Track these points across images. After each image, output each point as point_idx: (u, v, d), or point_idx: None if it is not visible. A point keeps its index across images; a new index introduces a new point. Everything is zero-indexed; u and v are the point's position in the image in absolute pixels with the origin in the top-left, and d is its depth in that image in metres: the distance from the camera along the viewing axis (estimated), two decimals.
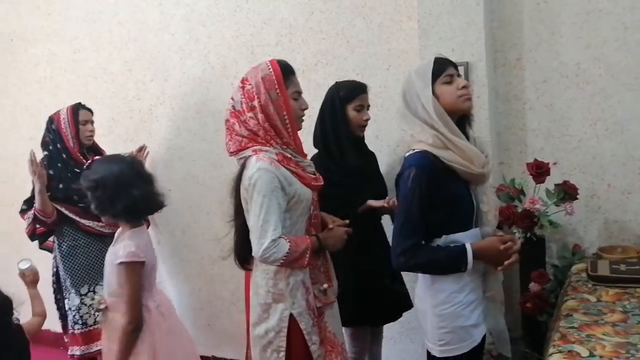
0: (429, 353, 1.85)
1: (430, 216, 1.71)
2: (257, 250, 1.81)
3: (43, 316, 2.21)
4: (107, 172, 2.00)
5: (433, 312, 1.77)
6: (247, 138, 1.88)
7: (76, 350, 2.88)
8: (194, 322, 3.21)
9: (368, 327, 2.46)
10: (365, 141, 2.45)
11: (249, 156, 1.86)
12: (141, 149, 3.03)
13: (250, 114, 1.87)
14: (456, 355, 1.76)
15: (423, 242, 1.73)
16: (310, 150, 2.41)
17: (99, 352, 2.82)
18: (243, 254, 1.95)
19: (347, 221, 2.01)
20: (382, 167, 2.53)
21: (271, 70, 1.87)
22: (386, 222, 2.40)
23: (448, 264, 1.72)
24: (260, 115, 1.86)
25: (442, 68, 1.76)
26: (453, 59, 1.87)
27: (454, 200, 1.74)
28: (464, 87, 1.75)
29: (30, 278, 2.22)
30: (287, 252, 1.79)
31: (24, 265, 2.23)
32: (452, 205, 1.73)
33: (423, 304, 1.83)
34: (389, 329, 2.61)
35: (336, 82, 2.40)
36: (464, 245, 1.71)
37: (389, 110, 2.66)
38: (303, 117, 1.96)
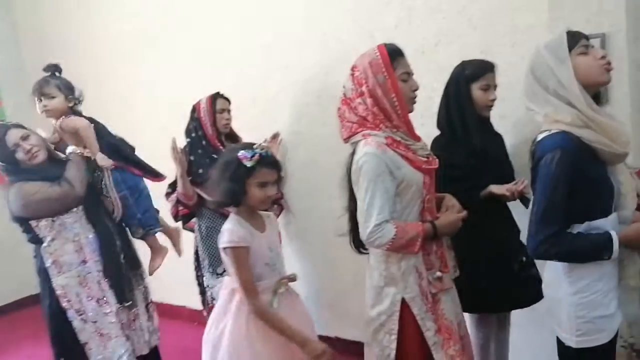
0: (561, 343, 1.77)
1: (572, 201, 1.62)
2: (362, 234, 1.85)
3: None
4: (219, 159, 2.05)
5: (570, 300, 1.69)
6: (356, 123, 1.90)
7: None
8: (316, 302, 3.32)
9: (494, 314, 2.39)
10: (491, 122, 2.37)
11: (359, 141, 1.88)
12: (275, 136, 3.15)
13: (359, 100, 1.89)
14: (593, 347, 1.67)
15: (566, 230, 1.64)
16: (431, 133, 2.38)
17: None
18: (358, 238, 1.97)
19: (465, 212, 1.96)
20: (508, 149, 2.43)
21: (378, 54, 1.87)
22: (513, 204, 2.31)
23: (592, 252, 1.63)
24: (368, 100, 1.87)
25: (575, 39, 1.66)
26: (587, 31, 1.75)
27: (597, 183, 1.64)
28: (603, 57, 1.63)
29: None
30: (393, 238, 1.79)
31: None
32: (595, 189, 1.64)
33: (556, 291, 1.75)
34: (515, 315, 2.52)
35: (462, 62, 2.33)
36: (608, 232, 1.61)
37: (515, 89, 2.52)
38: (415, 99, 1.94)
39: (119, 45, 4.17)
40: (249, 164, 1.91)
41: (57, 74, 2.59)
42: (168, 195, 3.10)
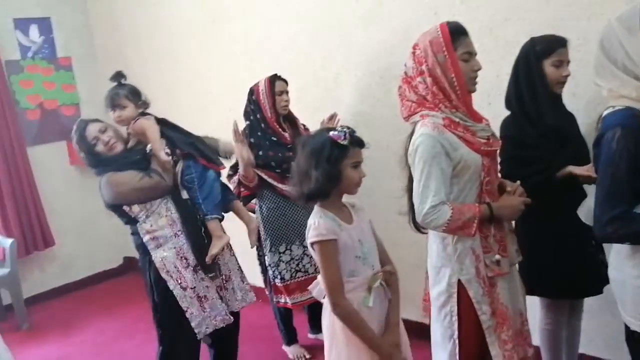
0: (627, 327, 1.70)
1: (637, 180, 1.54)
2: (418, 215, 1.83)
3: None
4: (303, 150, 1.91)
5: (634, 283, 1.62)
6: (416, 103, 1.89)
7: (280, 298, 3.18)
8: None
9: (567, 300, 2.32)
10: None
11: (417, 121, 1.86)
12: (332, 117, 3.15)
13: (419, 79, 1.87)
14: None
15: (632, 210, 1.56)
16: (499, 114, 2.31)
17: (301, 302, 3.12)
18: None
19: (528, 199, 1.91)
20: (581, 128, 2.33)
21: (439, 32, 1.84)
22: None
23: None
24: (428, 79, 1.84)
25: None
26: None
27: None
28: None
29: None
30: (449, 219, 1.77)
31: None
32: None
33: (620, 274, 1.68)
34: (587, 302, 2.43)
35: (531, 38, 2.24)
36: None
37: (589, 65, 2.38)
38: (476, 79, 1.89)
39: (187, 30, 4.26)
40: (344, 142, 1.79)
41: (122, 81, 2.72)
42: (230, 177, 3.16)
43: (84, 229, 5.01)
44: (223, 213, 2.78)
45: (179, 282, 2.58)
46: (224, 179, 3.16)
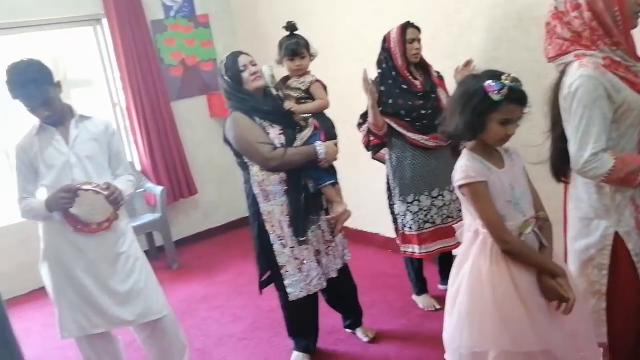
0: None
1: None
2: (575, 163, 1.70)
3: None
4: (459, 87, 1.88)
5: None
6: (569, 41, 1.74)
7: (408, 248, 3.19)
8: None
9: None
10: None
11: (570, 62, 1.72)
12: (467, 63, 3.01)
13: (575, 13, 1.71)
14: None
15: None
16: None
17: (429, 253, 3.11)
18: (560, 167, 1.84)
19: None
20: None
21: None
22: None
23: None
24: (586, 14, 1.69)
25: None
26: None
27: None
28: None
29: None
30: (611, 169, 1.65)
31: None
32: None
33: None
34: None
35: None
36: None
37: None
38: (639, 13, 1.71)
39: None
40: (496, 97, 1.68)
41: (295, 32, 2.88)
42: (359, 125, 3.18)
43: (224, 178, 5.34)
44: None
45: (280, 238, 2.67)
46: (352, 131, 3.20)
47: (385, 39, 3.05)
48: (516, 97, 1.71)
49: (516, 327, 1.73)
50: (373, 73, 3.07)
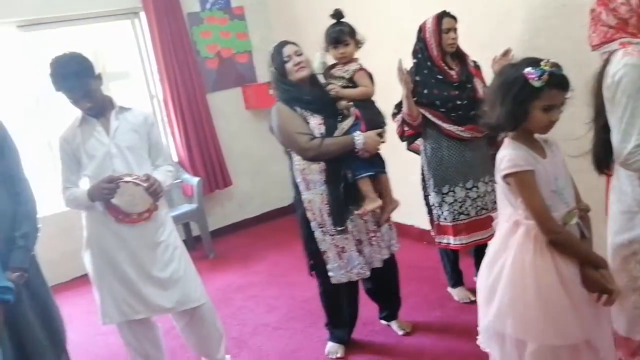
0: None
1: None
2: (618, 154, 1.67)
3: None
4: (498, 77, 1.86)
5: None
6: (614, 28, 1.69)
7: (443, 239, 3.17)
8: None
9: None
10: None
11: (615, 50, 1.67)
12: (506, 53, 2.94)
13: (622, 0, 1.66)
14: None
15: None
16: None
17: (465, 245, 3.07)
18: (603, 158, 1.81)
19: None
20: None
21: None
22: None
23: None
24: (634, 0, 1.63)
25: None
26: None
27: None
28: None
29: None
30: None
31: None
32: None
33: None
34: None
35: None
36: None
37: None
38: None
39: None
40: (537, 84, 1.66)
41: (341, 20, 2.86)
42: (394, 115, 3.16)
43: (258, 170, 5.39)
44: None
45: (321, 226, 2.71)
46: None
47: (421, 29, 3.02)
48: (557, 82, 1.68)
49: (561, 320, 1.71)
50: (409, 63, 3.04)
